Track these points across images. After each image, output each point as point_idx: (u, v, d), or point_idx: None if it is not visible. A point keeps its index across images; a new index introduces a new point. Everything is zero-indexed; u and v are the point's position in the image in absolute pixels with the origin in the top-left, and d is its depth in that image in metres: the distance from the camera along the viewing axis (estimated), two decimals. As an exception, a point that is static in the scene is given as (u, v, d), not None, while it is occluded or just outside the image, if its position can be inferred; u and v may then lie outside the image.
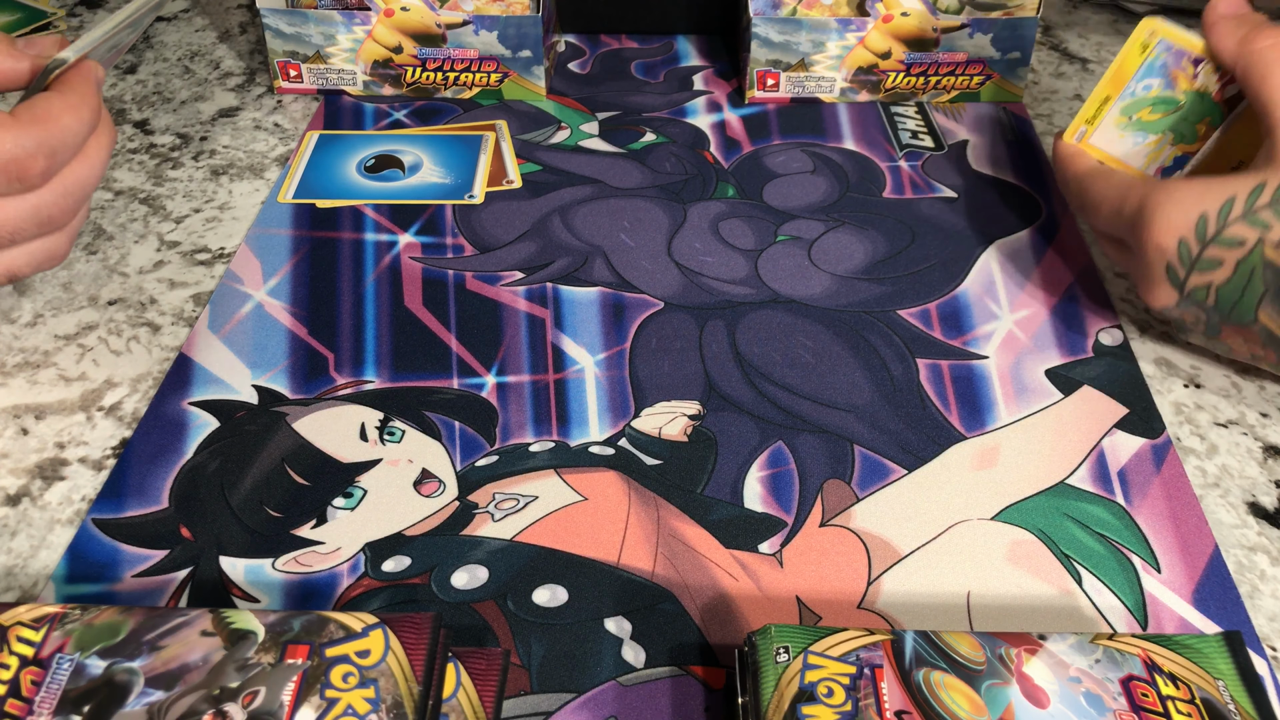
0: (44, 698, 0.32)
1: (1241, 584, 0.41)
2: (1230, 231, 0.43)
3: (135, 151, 0.65)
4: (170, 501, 0.44)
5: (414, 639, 0.33)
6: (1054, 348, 0.51)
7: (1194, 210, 0.44)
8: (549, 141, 0.65)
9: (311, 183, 0.62)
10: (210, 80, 0.72)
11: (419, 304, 0.54)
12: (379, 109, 0.68)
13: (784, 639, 0.34)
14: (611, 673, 0.38)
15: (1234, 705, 0.33)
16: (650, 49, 0.74)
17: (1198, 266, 0.44)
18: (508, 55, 0.67)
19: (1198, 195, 0.44)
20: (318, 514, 0.44)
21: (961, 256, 0.57)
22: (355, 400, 0.48)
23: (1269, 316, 0.44)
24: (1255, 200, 0.43)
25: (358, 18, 0.66)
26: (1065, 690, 0.33)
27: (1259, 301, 0.44)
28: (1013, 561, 0.42)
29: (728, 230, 0.58)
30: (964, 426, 0.47)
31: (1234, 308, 0.45)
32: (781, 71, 0.67)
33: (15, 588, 0.41)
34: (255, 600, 0.41)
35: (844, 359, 0.51)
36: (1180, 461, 0.46)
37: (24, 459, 0.46)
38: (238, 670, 0.32)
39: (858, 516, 0.44)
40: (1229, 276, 0.44)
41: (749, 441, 0.47)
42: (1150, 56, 0.47)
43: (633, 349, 0.51)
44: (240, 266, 0.56)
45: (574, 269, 0.56)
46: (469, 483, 0.45)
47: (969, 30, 0.66)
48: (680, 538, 0.43)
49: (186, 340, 0.52)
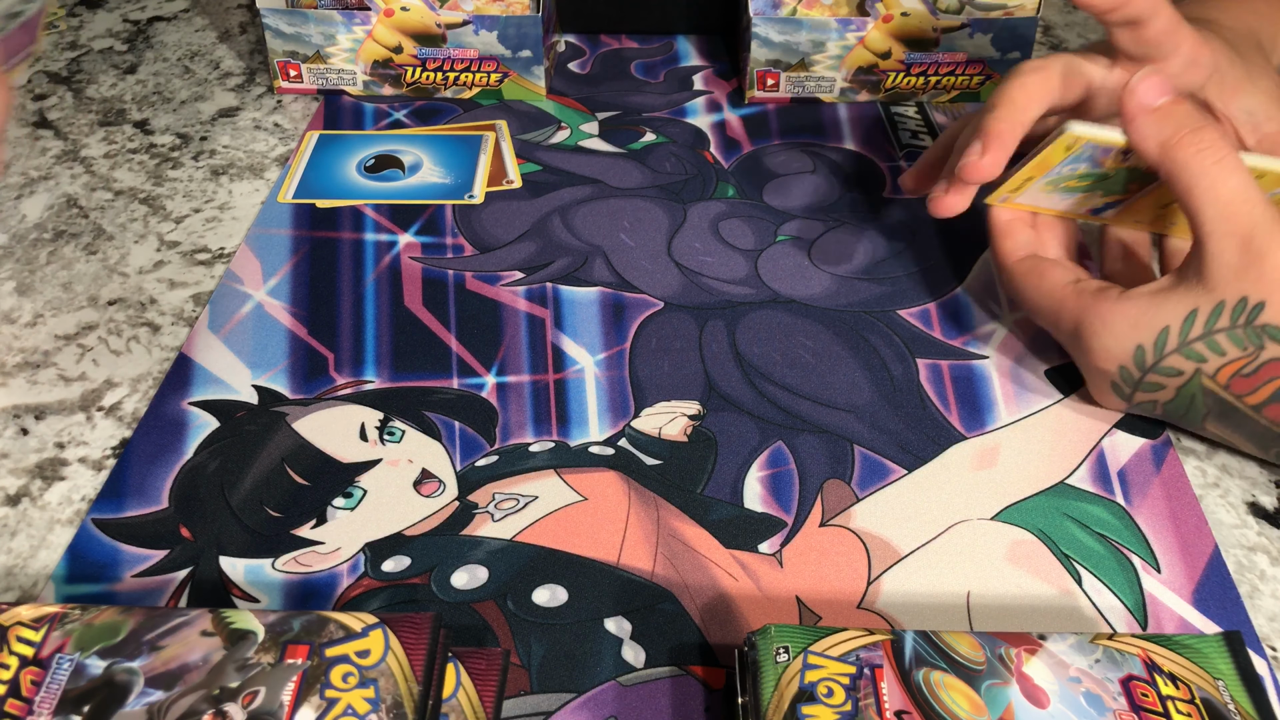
0: (44, 698, 0.32)
1: (1241, 584, 0.41)
2: (1167, 363, 0.43)
3: (135, 151, 0.65)
4: (170, 501, 0.44)
5: (414, 639, 0.33)
6: (1054, 348, 0.51)
7: (1129, 341, 0.43)
8: (549, 141, 0.65)
9: (311, 183, 0.62)
10: (210, 80, 0.72)
11: (419, 304, 0.54)
12: (379, 109, 0.68)
13: (784, 639, 0.34)
14: (611, 673, 0.38)
15: (1234, 705, 0.33)
16: (650, 49, 0.74)
17: (1140, 388, 0.44)
18: (508, 55, 0.67)
19: (1131, 325, 0.43)
20: (318, 514, 0.44)
21: (962, 256, 0.57)
22: (355, 400, 0.48)
23: (1216, 429, 0.45)
24: (1188, 332, 0.42)
25: (358, 18, 0.66)
26: (1065, 690, 0.33)
27: (1203, 418, 0.44)
28: (1013, 561, 0.42)
29: (728, 230, 0.58)
30: (964, 426, 0.47)
31: (1182, 419, 0.45)
32: (781, 71, 0.67)
33: (15, 588, 0.41)
34: (255, 600, 0.41)
35: (844, 359, 0.51)
36: (1180, 461, 0.46)
37: (24, 459, 0.46)
38: (238, 670, 0.32)
39: (858, 516, 0.44)
40: (1172, 398, 0.44)
41: (749, 441, 0.47)
42: (1075, 153, 0.45)
43: (633, 349, 0.51)
44: (240, 266, 0.56)
45: (574, 269, 0.56)
46: (469, 483, 0.45)
47: (969, 30, 0.66)
48: (680, 538, 0.43)
49: (186, 340, 0.52)
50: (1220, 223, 0.41)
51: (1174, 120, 0.42)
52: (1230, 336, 0.41)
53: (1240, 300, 0.41)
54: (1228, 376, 0.42)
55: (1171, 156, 0.42)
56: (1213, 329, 0.41)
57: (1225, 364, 0.42)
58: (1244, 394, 0.42)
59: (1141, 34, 0.47)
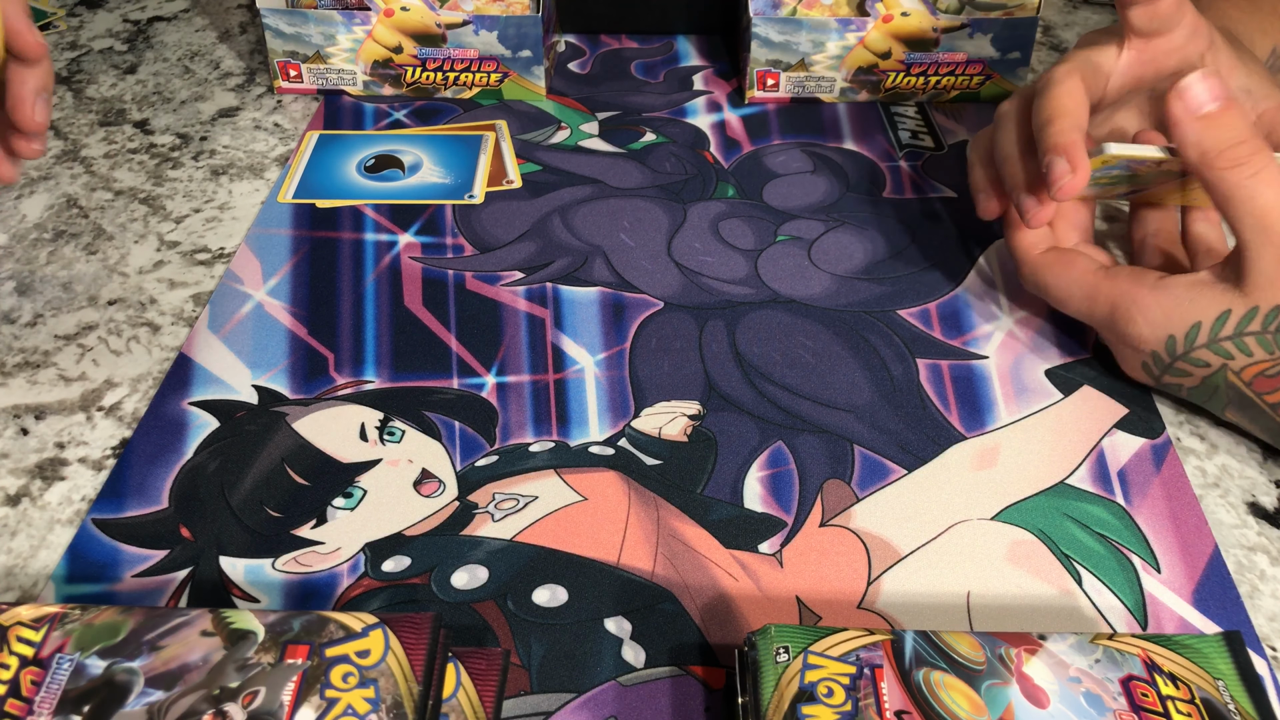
0: (44, 698, 0.32)
1: (1241, 584, 0.41)
2: (1196, 355, 0.44)
3: (135, 151, 0.65)
4: (170, 501, 0.44)
5: (414, 639, 0.33)
6: (1054, 348, 0.51)
7: (1162, 330, 0.45)
8: (549, 141, 0.65)
9: (311, 183, 0.62)
10: (210, 80, 0.72)
11: (419, 304, 0.54)
12: (379, 109, 0.68)
13: (784, 639, 0.34)
14: (611, 673, 0.38)
15: (1234, 705, 0.33)
16: (650, 49, 0.74)
17: (1169, 372, 0.46)
18: (508, 55, 0.67)
19: (1165, 314, 0.45)
20: (318, 514, 0.44)
21: (961, 256, 0.57)
22: (355, 400, 0.48)
23: (1235, 417, 0.46)
24: (1219, 330, 0.43)
25: (358, 18, 0.66)
26: (1065, 690, 0.33)
27: (1224, 407, 0.46)
28: (1013, 561, 0.42)
29: (728, 230, 0.58)
30: (964, 426, 0.47)
31: (1205, 404, 0.47)
32: (781, 71, 0.67)
33: (15, 588, 0.41)
34: (255, 600, 0.41)
35: (844, 359, 0.51)
36: (1180, 461, 0.46)
37: (24, 459, 0.46)
38: (238, 670, 0.32)
39: (857, 516, 0.44)
40: (1197, 385, 0.46)
41: (749, 441, 0.47)
42: (1110, 165, 0.46)
43: (633, 349, 0.51)
44: (240, 266, 0.56)
45: (574, 269, 0.56)
46: (469, 483, 0.45)
47: (969, 30, 0.66)
48: (680, 538, 0.43)
49: (186, 340, 0.52)
50: (1259, 233, 0.42)
51: (1217, 130, 0.43)
52: (1259, 340, 0.43)
53: (1274, 309, 0.42)
54: (1252, 375, 0.43)
55: (1209, 165, 0.43)
56: (1243, 331, 0.43)
57: (1251, 364, 0.43)
58: (1265, 393, 0.44)
59: (1156, 9, 0.49)
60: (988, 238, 0.58)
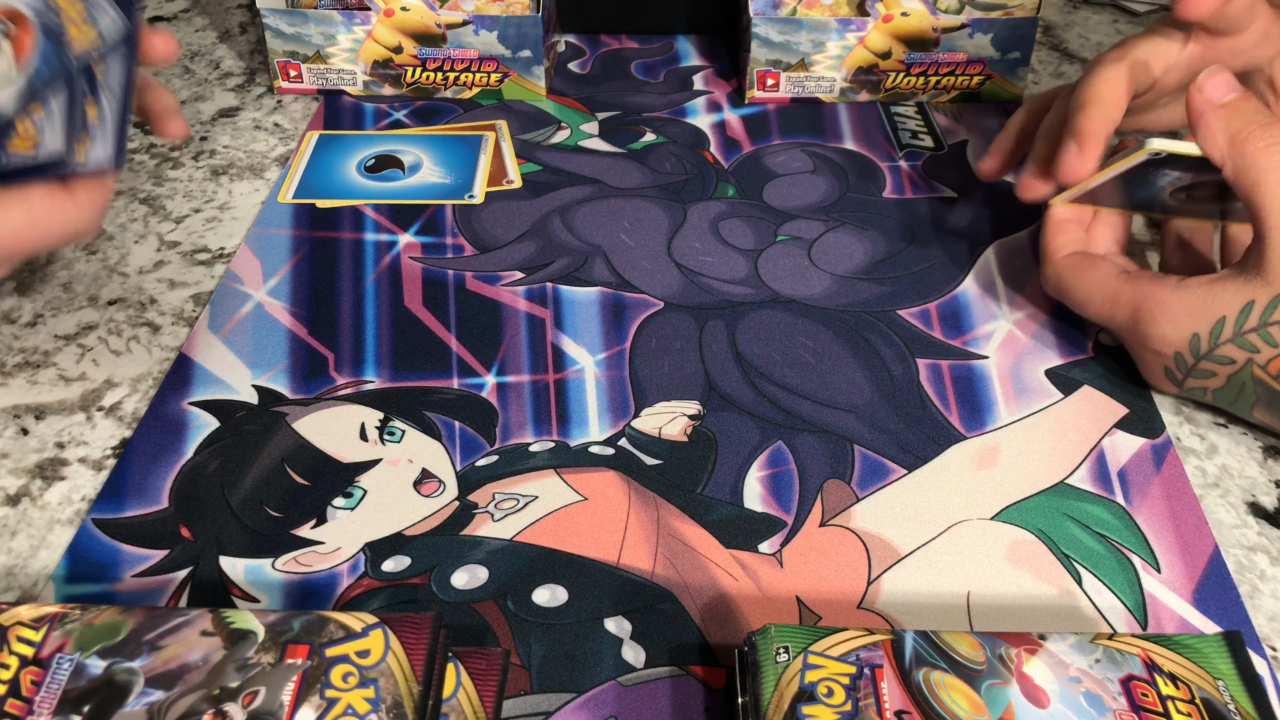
0: (44, 698, 0.32)
1: (1241, 584, 0.41)
2: (1221, 351, 0.44)
3: (135, 151, 0.65)
4: (170, 501, 0.44)
5: (414, 639, 0.33)
6: (1054, 348, 0.51)
7: (1186, 329, 0.44)
8: (549, 141, 0.65)
9: (311, 183, 0.62)
10: (210, 80, 0.72)
11: (419, 304, 0.54)
12: (379, 109, 0.68)
13: (784, 639, 0.34)
14: (611, 673, 0.38)
15: (1234, 705, 0.33)
16: (650, 49, 0.74)
17: (1193, 374, 0.46)
18: (508, 55, 0.67)
19: (1188, 313, 0.44)
20: (318, 514, 0.44)
21: (961, 256, 0.57)
22: (355, 400, 0.48)
23: (1263, 416, 0.46)
24: (1243, 322, 0.43)
25: (358, 18, 0.66)
26: (1065, 690, 0.33)
27: (1251, 406, 0.45)
28: (1013, 561, 0.42)
29: (728, 230, 0.58)
30: (964, 426, 0.47)
31: (1231, 406, 0.46)
32: (781, 71, 0.67)
33: (15, 588, 0.41)
34: (255, 600, 0.41)
35: (844, 359, 0.51)
36: (1180, 461, 0.46)
37: (24, 459, 0.46)
38: (238, 670, 0.32)
39: (858, 516, 0.44)
40: (1222, 385, 0.45)
41: (749, 441, 0.47)
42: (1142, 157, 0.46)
43: (633, 349, 0.51)
44: (240, 266, 0.56)
45: (574, 269, 0.56)
46: (469, 483, 0.45)
47: (969, 30, 0.66)
48: (680, 538, 0.43)
49: (186, 340, 0.52)
50: None
51: (1242, 116, 0.43)
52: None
53: None
54: (1279, 368, 0.43)
55: (1239, 150, 0.43)
56: (1268, 321, 0.43)
57: (1277, 355, 0.43)
58: None
59: (1227, 7, 0.48)
60: (988, 238, 0.58)
